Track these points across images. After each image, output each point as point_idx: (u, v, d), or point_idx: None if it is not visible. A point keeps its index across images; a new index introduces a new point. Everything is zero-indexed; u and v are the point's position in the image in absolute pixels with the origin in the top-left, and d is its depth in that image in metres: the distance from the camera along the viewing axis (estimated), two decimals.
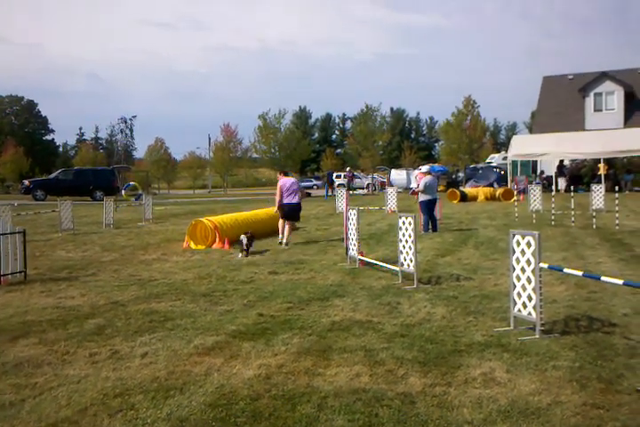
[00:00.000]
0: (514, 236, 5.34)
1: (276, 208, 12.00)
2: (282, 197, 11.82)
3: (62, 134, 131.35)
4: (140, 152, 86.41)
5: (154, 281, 8.25)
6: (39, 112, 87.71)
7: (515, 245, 5.32)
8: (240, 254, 10.48)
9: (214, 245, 11.70)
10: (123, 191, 33.00)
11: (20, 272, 8.39)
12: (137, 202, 27.79)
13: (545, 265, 5.15)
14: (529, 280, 5.13)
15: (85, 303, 6.89)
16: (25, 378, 4.34)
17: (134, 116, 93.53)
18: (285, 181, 12.00)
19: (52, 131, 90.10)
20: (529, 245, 5.10)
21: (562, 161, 30.28)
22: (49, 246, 12.37)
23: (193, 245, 11.85)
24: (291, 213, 11.87)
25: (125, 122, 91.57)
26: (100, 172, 36.41)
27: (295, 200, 11.91)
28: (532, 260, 5.07)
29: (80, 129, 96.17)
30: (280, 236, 11.84)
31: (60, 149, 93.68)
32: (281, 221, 11.90)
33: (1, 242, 8.05)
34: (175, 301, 6.94)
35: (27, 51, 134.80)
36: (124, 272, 9.07)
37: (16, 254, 8.32)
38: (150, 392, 4.00)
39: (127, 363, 4.65)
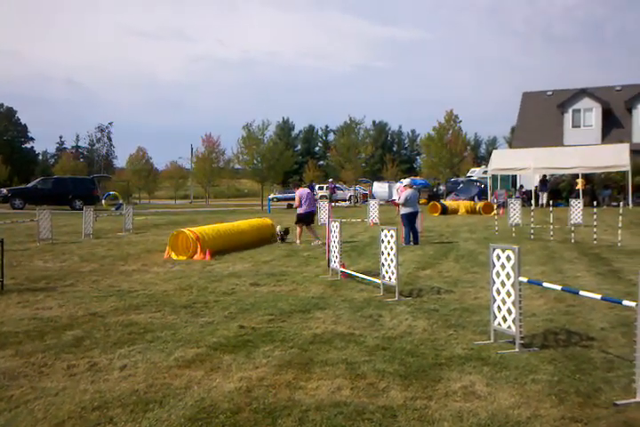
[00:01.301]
0: (494, 250, 5.41)
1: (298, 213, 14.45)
2: (301, 204, 14.19)
3: (42, 142, 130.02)
4: (121, 161, 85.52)
5: (134, 292, 8.17)
6: (18, 120, 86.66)
7: (495, 259, 5.38)
8: (279, 240, 14.46)
9: (195, 256, 11.64)
10: (103, 201, 32.72)
11: None
12: (117, 212, 27.59)
13: (524, 279, 5.21)
14: (509, 294, 5.19)
15: (63, 314, 6.79)
16: (0, 391, 4.26)
17: (111, 123, 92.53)
18: (302, 192, 14.41)
19: (32, 139, 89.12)
20: (509, 258, 5.16)
21: (545, 175, 30.71)
22: (26, 256, 12.19)
23: (174, 256, 11.77)
24: (307, 218, 14.36)
25: (102, 130, 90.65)
26: (80, 181, 35.98)
27: (311, 208, 14.38)
28: (512, 274, 5.13)
29: (60, 137, 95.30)
30: (314, 238, 14.11)
31: (40, 158, 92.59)
32: (298, 227, 14.31)
33: None
34: (155, 312, 6.88)
35: (6, 57, 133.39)
36: (103, 283, 8.96)
37: None
38: (129, 405, 3.95)
39: (106, 376, 4.59)
